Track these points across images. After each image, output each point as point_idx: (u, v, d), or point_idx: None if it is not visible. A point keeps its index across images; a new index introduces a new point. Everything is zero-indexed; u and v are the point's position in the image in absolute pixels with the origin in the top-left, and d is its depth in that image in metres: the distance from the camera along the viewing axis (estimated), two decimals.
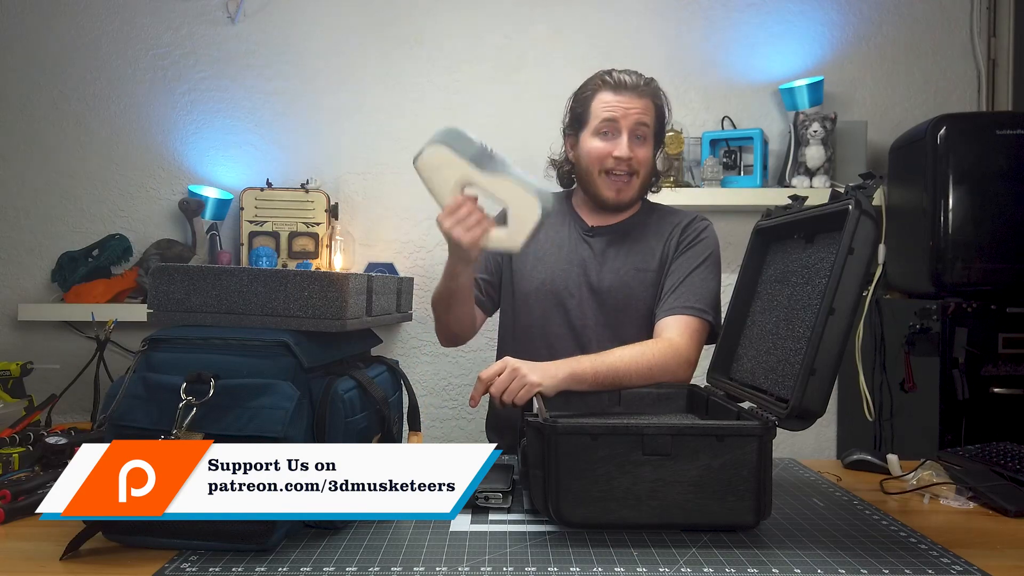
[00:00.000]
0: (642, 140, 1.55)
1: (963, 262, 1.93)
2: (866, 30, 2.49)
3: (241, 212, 2.39)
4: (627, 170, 1.54)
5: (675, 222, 1.62)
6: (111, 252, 2.41)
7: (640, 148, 1.54)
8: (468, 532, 0.97)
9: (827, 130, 2.28)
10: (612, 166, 1.54)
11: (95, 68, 2.52)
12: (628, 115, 1.52)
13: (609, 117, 1.52)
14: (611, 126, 1.53)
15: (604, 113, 1.53)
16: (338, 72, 2.51)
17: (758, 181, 2.33)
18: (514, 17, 2.51)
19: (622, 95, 1.53)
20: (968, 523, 1.06)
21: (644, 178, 1.58)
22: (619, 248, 1.59)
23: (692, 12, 2.50)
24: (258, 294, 1.01)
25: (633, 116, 1.52)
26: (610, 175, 1.54)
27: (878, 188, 0.89)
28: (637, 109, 1.52)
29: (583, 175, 1.59)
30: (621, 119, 1.52)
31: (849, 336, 0.94)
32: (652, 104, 1.56)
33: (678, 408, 1.33)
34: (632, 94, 1.53)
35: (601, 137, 1.54)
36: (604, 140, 1.54)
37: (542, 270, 1.59)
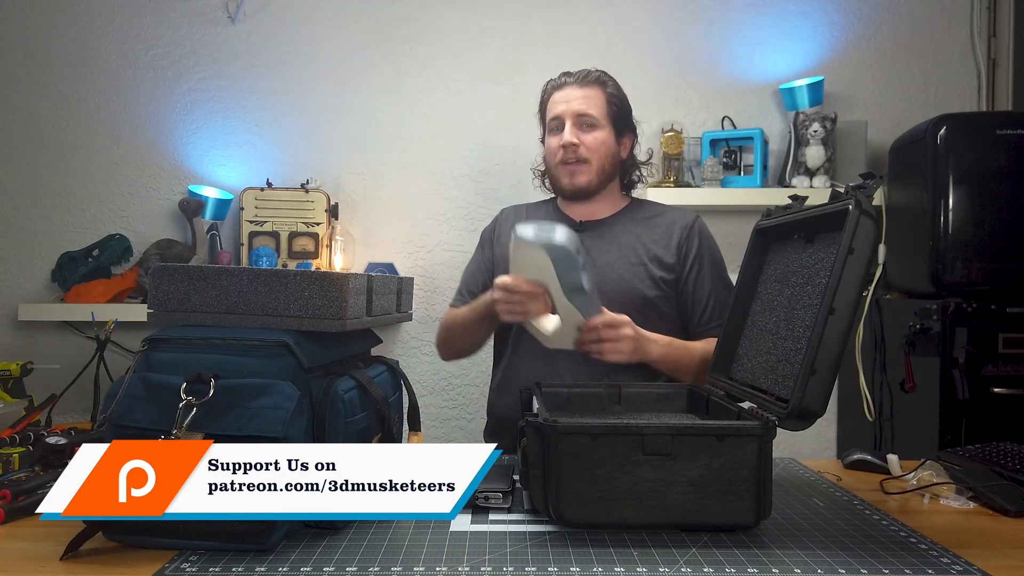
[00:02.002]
0: (589, 128, 1.61)
1: (963, 262, 1.93)
2: (866, 30, 2.49)
3: (241, 212, 2.39)
4: (575, 157, 1.61)
5: (671, 221, 1.64)
6: (111, 252, 2.41)
7: (586, 135, 1.61)
8: (468, 532, 0.97)
9: (827, 130, 2.28)
10: (562, 156, 1.61)
11: (95, 68, 2.52)
12: (570, 107, 1.60)
13: (555, 114, 1.62)
14: (558, 121, 1.62)
15: (551, 111, 1.63)
16: (338, 72, 2.51)
17: (758, 181, 2.33)
18: (514, 17, 2.51)
19: (565, 89, 1.63)
20: (968, 523, 1.06)
21: (600, 164, 1.63)
22: (610, 243, 1.61)
23: (692, 12, 2.50)
24: (258, 294, 1.01)
25: (574, 105, 1.60)
26: (563, 164, 1.62)
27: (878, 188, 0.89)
28: (577, 98, 1.60)
29: (549, 173, 1.69)
30: (563, 113, 1.61)
31: (849, 336, 0.94)
32: (598, 92, 1.62)
33: (678, 408, 1.33)
34: (574, 86, 1.62)
35: (552, 134, 1.64)
36: (554, 136, 1.63)
37: None
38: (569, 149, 1.60)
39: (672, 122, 2.34)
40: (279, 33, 2.51)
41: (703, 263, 1.62)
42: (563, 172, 1.63)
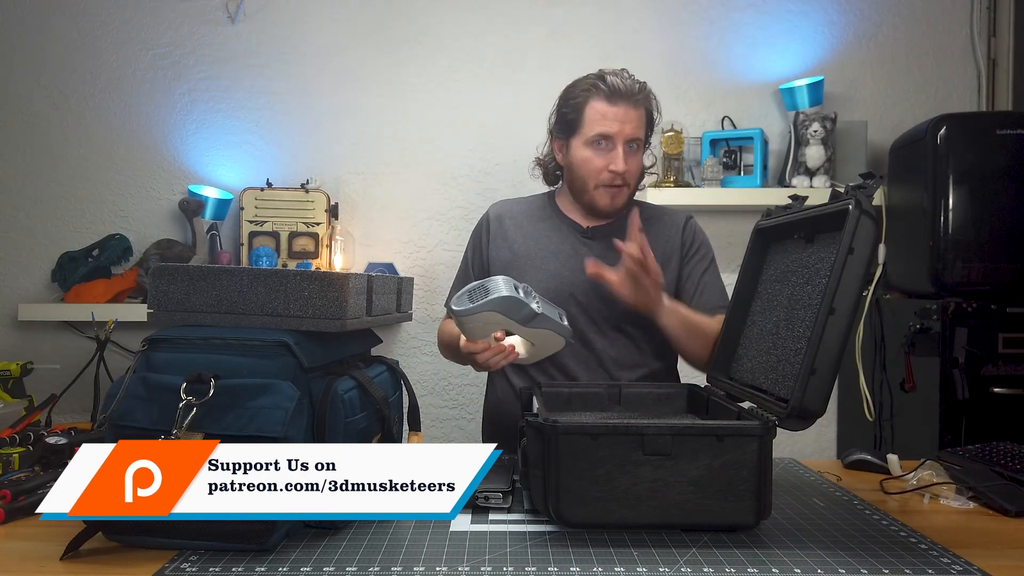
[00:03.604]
0: (634, 152, 1.57)
1: (963, 262, 1.93)
2: (866, 30, 2.49)
3: (241, 212, 2.39)
4: (622, 182, 1.56)
5: (670, 223, 1.65)
6: (111, 252, 2.41)
7: (632, 159, 1.56)
8: (468, 532, 0.97)
9: (827, 130, 2.28)
10: (608, 180, 1.55)
11: (95, 68, 2.52)
12: (623, 131, 1.53)
13: (604, 133, 1.53)
14: (606, 141, 1.54)
15: (599, 126, 1.53)
16: (338, 72, 2.51)
17: (758, 181, 2.33)
18: (514, 17, 2.51)
19: (617, 106, 1.52)
20: (968, 523, 1.06)
21: (635, 186, 1.62)
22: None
23: (692, 12, 2.50)
24: (258, 294, 1.01)
25: (628, 132, 1.53)
26: (607, 187, 1.56)
27: (878, 188, 0.89)
28: (632, 124, 1.53)
29: (577, 183, 1.60)
30: (616, 135, 1.53)
31: (849, 336, 0.94)
32: (644, 113, 1.57)
33: (678, 408, 1.33)
34: (627, 104, 1.53)
35: (595, 149, 1.55)
36: (598, 153, 1.55)
37: (546, 276, 1.58)
38: (618, 176, 1.54)
39: (672, 122, 2.34)
40: (279, 33, 2.51)
41: (696, 258, 1.63)
42: (604, 194, 1.57)
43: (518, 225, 1.66)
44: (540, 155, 1.71)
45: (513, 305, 1.21)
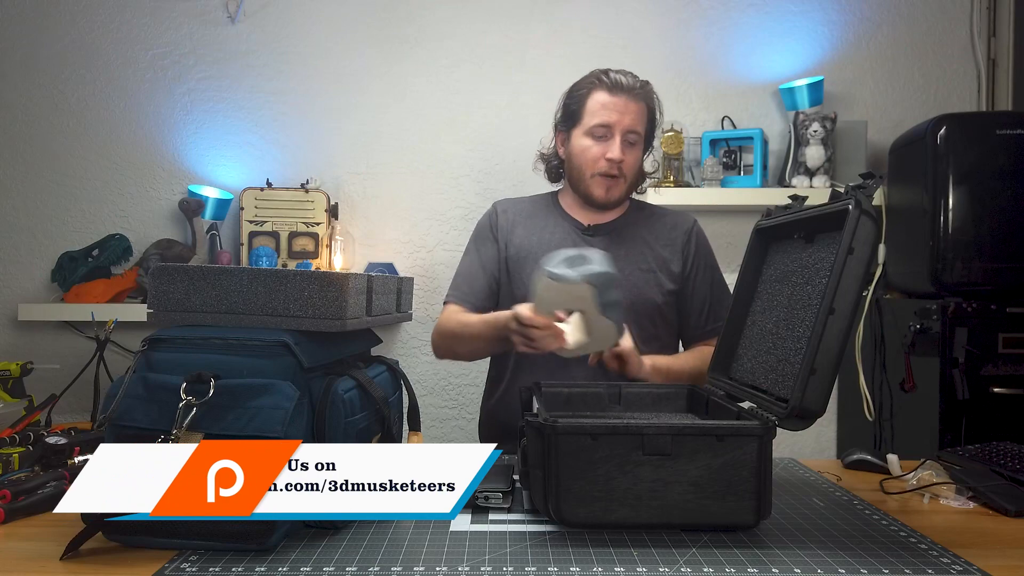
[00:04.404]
0: (632, 145, 1.58)
1: (963, 262, 1.93)
2: (866, 30, 2.49)
3: (241, 212, 2.39)
4: (617, 172, 1.57)
5: (672, 224, 1.65)
6: (111, 252, 2.41)
7: (630, 152, 1.58)
8: (468, 532, 0.97)
9: (827, 130, 2.28)
10: (604, 169, 1.57)
11: (95, 68, 2.52)
12: (622, 121, 1.55)
13: (603, 122, 1.56)
14: (605, 130, 1.56)
15: (599, 116, 1.56)
16: (338, 72, 2.51)
17: (758, 181, 2.33)
18: (513, 17, 2.51)
19: (618, 97, 1.55)
20: (968, 523, 1.06)
21: (632, 180, 1.62)
22: (619, 247, 1.60)
23: (692, 12, 2.50)
24: (258, 294, 1.01)
25: (626, 123, 1.56)
26: (603, 176, 1.58)
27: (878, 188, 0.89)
28: (631, 116, 1.56)
29: (575, 173, 1.62)
30: (615, 124, 1.56)
31: (849, 336, 0.94)
32: (645, 108, 1.59)
33: (678, 408, 1.33)
34: (628, 97, 1.56)
35: (594, 139, 1.58)
36: (597, 142, 1.57)
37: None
38: (614, 164, 1.56)
39: (672, 122, 2.34)
40: (279, 33, 2.51)
41: (700, 268, 1.65)
42: (599, 184, 1.58)
43: (521, 222, 1.67)
44: (543, 150, 1.73)
45: (607, 283, 1.20)
